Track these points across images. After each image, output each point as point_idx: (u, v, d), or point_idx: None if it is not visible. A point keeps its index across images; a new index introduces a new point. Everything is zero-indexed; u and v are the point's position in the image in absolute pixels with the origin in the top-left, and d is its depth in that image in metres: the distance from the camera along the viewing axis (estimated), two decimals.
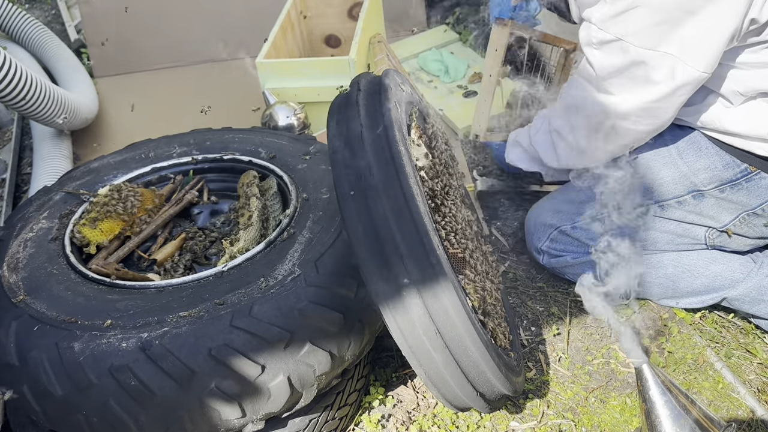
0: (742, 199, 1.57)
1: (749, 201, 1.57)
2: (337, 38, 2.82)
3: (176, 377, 1.16)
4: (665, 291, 1.73)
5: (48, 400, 1.19)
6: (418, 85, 2.72)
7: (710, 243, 1.68)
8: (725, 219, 1.62)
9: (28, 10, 3.74)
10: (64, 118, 2.03)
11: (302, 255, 1.36)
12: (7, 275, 1.39)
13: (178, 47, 2.91)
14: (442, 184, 1.41)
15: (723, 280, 1.67)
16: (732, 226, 1.62)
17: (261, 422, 1.24)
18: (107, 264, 1.47)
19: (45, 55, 2.91)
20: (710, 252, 1.70)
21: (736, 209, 1.59)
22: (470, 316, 1.14)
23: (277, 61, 2.24)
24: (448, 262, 1.17)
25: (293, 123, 2.13)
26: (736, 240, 1.65)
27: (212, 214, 1.73)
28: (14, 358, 1.22)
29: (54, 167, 2.26)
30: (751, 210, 1.58)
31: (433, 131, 1.56)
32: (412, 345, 1.14)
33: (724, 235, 1.65)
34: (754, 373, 1.62)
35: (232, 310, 1.22)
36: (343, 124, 1.23)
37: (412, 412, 1.57)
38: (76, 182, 1.70)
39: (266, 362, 1.19)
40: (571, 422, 1.53)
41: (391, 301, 1.12)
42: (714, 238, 1.66)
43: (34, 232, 1.52)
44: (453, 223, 1.36)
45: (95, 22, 2.88)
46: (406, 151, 1.21)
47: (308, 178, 1.62)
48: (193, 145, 1.81)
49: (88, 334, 1.20)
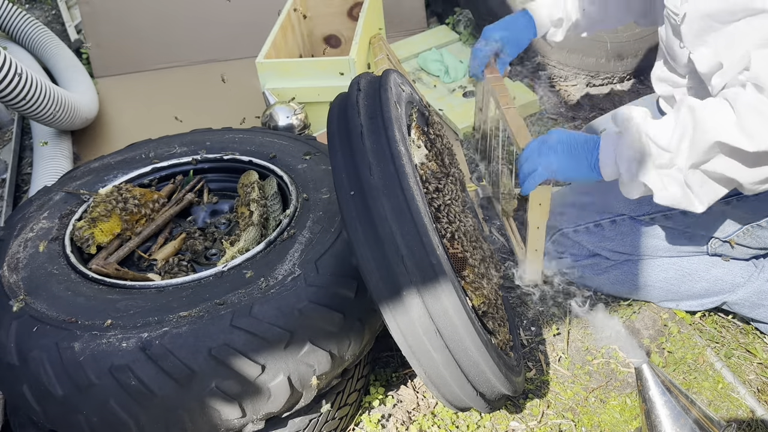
0: (748, 212, 1.55)
1: (755, 213, 1.55)
2: (337, 38, 2.82)
3: (176, 377, 1.16)
4: (666, 294, 1.73)
5: (48, 400, 1.19)
6: (418, 85, 2.72)
7: (712, 251, 1.67)
8: (729, 230, 1.60)
9: (28, 10, 3.74)
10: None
11: (302, 255, 1.36)
12: (8, 275, 1.39)
13: (178, 47, 2.91)
14: (442, 184, 1.41)
15: (724, 284, 1.66)
16: (735, 237, 1.60)
17: (261, 422, 1.24)
18: (107, 264, 1.47)
19: (45, 55, 2.91)
20: (711, 256, 1.69)
21: (741, 221, 1.58)
22: (470, 316, 1.15)
23: (277, 61, 2.24)
24: (448, 262, 1.17)
25: (293, 123, 2.13)
26: (739, 249, 1.64)
27: (212, 214, 1.73)
28: (14, 358, 1.22)
29: (54, 167, 2.26)
30: (755, 222, 1.56)
31: (433, 131, 1.56)
32: (412, 345, 1.14)
33: (727, 245, 1.63)
34: (754, 373, 1.62)
35: (232, 310, 1.22)
36: (343, 125, 1.23)
37: (412, 412, 1.57)
38: (77, 182, 1.70)
39: (266, 362, 1.19)
40: (571, 422, 1.53)
41: (391, 301, 1.12)
42: (716, 247, 1.65)
43: (34, 232, 1.52)
44: (453, 222, 1.36)
45: (95, 22, 2.88)
46: (406, 151, 1.21)
47: (308, 178, 1.62)
48: (193, 145, 1.81)
49: (89, 334, 1.20)
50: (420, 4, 3.03)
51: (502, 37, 1.84)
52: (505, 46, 1.84)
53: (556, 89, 2.72)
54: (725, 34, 1.23)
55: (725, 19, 1.22)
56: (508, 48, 1.85)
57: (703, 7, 1.24)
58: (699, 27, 1.27)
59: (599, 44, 2.59)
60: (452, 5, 3.06)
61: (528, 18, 1.83)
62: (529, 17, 1.83)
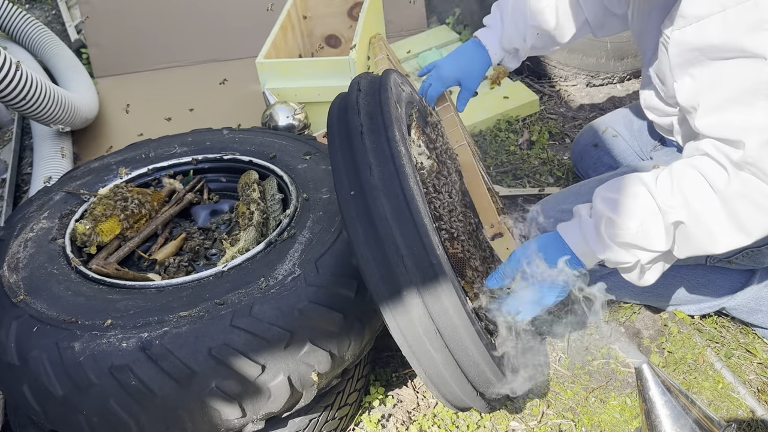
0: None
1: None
2: (337, 38, 2.82)
3: (176, 377, 1.16)
4: (664, 299, 1.73)
5: (48, 400, 1.19)
6: (417, 85, 2.72)
7: (710, 264, 1.65)
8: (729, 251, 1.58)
9: (28, 10, 3.74)
10: (61, 128, 2.04)
11: (302, 255, 1.36)
12: (8, 275, 1.39)
13: (178, 47, 2.91)
14: (442, 184, 1.41)
15: (722, 289, 1.66)
16: (735, 258, 1.58)
17: (261, 422, 1.24)
18: (107, 264, 1.47)
19: (45, 55, 2.91)
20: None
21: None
22: (470, 316, 1.15)
23: (277, 61, 2.24)
24: (448, 262, 1.17)
25: (293, 123, 2.13)
26: (738, 266, 1.62)
27: (212, 214, 1.73)
28: (15, 358, 1.22)
29: (54, 167, 2.26)
30: (756, 247, 1.52)
31: (433, 131, 1.56)
32: (412, 345, 1.14)
33: (726, 261, 1.61)
34: (754, 373, 1.62)
35: (232, 310, 1.22)
36: (343, 125, 1.23)
37: (412, 412, 1.57)
38: (77, 182, 1.70)
39: (266, 362, 1.19)
40: (571, 422, 1.53)
41: (391, 301, 1.12)
42: (715, 262, 1.63)
43: (34, 232, 1.52)
44: (453, 222, 1.36)
45: (95, 22, 2.88)
46: (406, 151, 1.21)
47: (308, 178, 1.62)
48: (193, 145, 1.81)
49: (89, 334, 1.20)
50: (420, 4, 3.03)
51: (455, 73, 1.74)
52: (462, 81, 1.76)
53: (556, 89, 2.72)
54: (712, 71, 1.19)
55: (715, 55, 1.18)
56: (464, 83, 1.76)
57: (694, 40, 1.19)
58: (686, 59, 1.23)
59: (599, 44, 2.59)
60: (452, 5, 3.06)
61: (479, 48, 1.74)
62: (481, 48, 1.74)
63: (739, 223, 1.15)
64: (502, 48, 1.74)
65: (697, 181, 1.18)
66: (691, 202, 1.17)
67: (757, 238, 1.17)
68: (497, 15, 1.73)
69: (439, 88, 1.76)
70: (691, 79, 1.24)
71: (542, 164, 2.33)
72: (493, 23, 1.74)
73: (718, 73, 1.17)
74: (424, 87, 1.77)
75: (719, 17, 1.13)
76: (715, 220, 1.16)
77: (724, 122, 1.15)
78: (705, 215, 1.17)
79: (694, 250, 1.22)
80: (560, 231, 1.29)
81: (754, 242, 1.18)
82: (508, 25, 1.71)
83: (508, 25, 1.71)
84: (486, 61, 1.75)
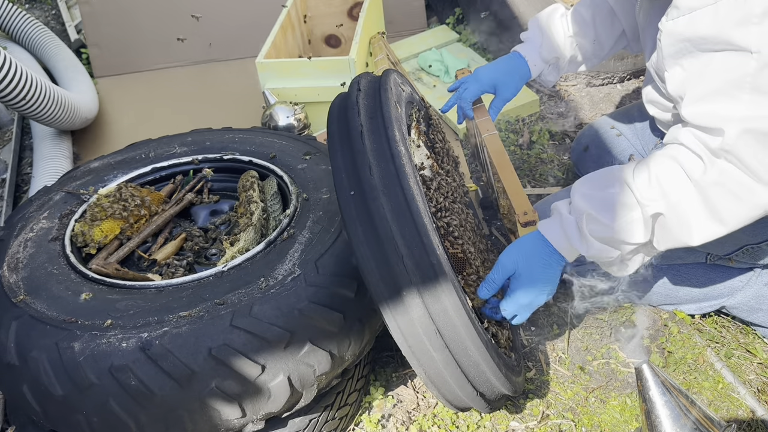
0: (748, 234, 1.51)
1: (755, 236, 1.52)
2: (337, 38, 2.82)
3: (176, 377, 1.16)
4: (664, 298, 1.73)
5: (48, 400, 1.19)
6: (418, 85, 2.72)
7: (710, 262, 1.66)
8: (728, 249, 1.58)
9: (28, 10, 3.74)
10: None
11: (302, 255, 1.36)
12: (8, 275, 1.39)
13: (178, 47, 2.91)
14: (442, 184, 1.42)
15: (722, 288, 1.66)
16: (734, 256, 1.59)
17: (261, 422, 1.24)
18: (107, 264, 1.47)
19: (45, 55, 2.91)
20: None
21: (740, 242, 1.55)
22: (470, 316, 1.15)
23: (277, 61, 2.24)
24: (448, 262, 1.17)
25: (293, 123, 2.13)
26: (738, 264, 1.63)
27: (212, 214, 1.73)
28: (14, 358, 1.22)
29: (54, 167, 2.26)
30: (755, 244, 1.53)
31: (432, 131, 1.56)
32: (412, 345, 1.14)
33: (726, 259, 1.62)
34: (754, 373, 1.62)
35: (232, 310, 1.22)
36: (343, 125, 1.23)
37: (412, 412, 1.57)
38: (77, 182, 1.70)
39: (266, 362, 1.19)
40: (571, 422, 1.53)
41: (391, 301, 1.12)
42: (716, 260, 1.64)
43: (34, 232, 1.52)
44: (453, 223, 1.36)
45: (95, 22, 2.88)
46: (406, 151, 1.21)
47: (308, 178, 1.62)
48: (193, 145, 1.81)
49: (89, 334, 1.20)
50: (420, 4, 3.03)
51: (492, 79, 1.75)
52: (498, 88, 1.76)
53: (556, 89, 2.72)
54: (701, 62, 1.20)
55: (704, 47, 1.18)
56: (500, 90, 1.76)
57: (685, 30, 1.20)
58: (677, 49, 1.24)
59: None
60: (452, 5, 3.06)
61: (519, 60, 1.75)
62: (521, 60, 1.75)
63: (715, 212, 1.17)
64: (542, 59, 1.74)
65: (673, 171, 1.20)
66: (668, 193, 1.19)
67: (733, 228, 1.18)
68: (535, 28, 1.75)
69: (474, 91, 1.77)
70: (681, 69, 1.25)
71: (542, 164, 2.33)
72: (531, 36, 1.75)
73: (706, 65, 1.18)
74: (460, 91, 1.78)
75: (711, 9, 1.14)
76: (691, 209, 1.18)
77: (707, 112, 1.17)
78: (682, 205, 1.18)
79: (673, 242, 1.23)
80: (541, 229, 1.31)
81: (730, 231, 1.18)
82: (546, 36, 1.72)
83: (546, 35, 1.72)
84: (525, 72, 1.76)
